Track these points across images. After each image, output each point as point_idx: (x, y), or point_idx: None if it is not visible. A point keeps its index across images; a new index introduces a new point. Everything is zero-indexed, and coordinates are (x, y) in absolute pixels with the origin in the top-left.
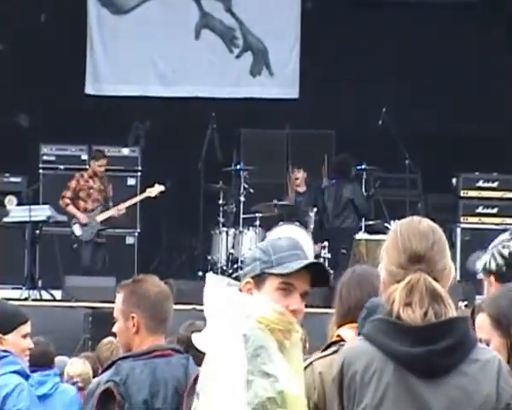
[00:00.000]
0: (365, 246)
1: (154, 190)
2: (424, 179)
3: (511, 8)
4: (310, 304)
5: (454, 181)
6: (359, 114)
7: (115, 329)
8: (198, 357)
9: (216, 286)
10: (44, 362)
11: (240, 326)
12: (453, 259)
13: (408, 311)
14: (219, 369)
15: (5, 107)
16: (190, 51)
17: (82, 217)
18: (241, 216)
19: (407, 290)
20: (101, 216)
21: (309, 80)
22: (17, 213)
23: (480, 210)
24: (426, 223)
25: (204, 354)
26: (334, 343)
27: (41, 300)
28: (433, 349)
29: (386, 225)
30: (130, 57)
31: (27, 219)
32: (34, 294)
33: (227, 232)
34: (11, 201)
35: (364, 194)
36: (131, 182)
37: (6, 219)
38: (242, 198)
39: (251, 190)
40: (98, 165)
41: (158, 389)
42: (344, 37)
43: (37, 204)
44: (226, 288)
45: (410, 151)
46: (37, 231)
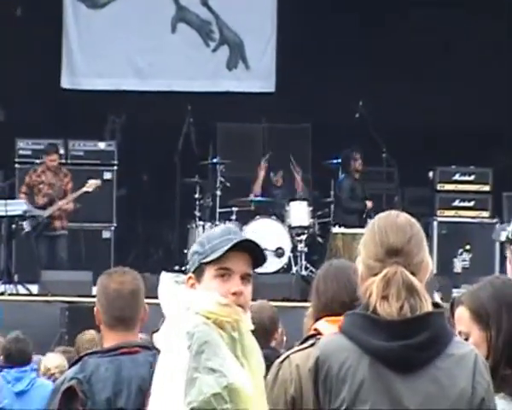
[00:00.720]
0: (342, 240)
1: (91, 185)
2: (401, 173)
3: None
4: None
5: (430, 174)
6: (336, 108)
7: None
8: None
9: (166, 285)
10: (22, 360)
11: (185, 323)
12: (430, 252)
13: (384, 304)
14: (165, 368)
15: None
16: (166, 45)
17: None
18: (218, 210)
19: (384, 283)
20: (47, 211)
21: (285, 74)
22: None
23: (457, 203)
24: (403, 217)
25: None
26: (311, 337)
27: (17, 294)
28: (409, 344)
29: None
30: (106, 51)
31: (3, 213)
32: (10, 288)
33: (203, 226)
34: None
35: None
36: (108, 176)
37: None
38: (219, 192)
39: (227, 184)
40: (50, 159)
41: (121, 388)
42: (320, 31)
43: (13, 199)
44: (174, 286)
45: (387, 144)
46: (13, 226)
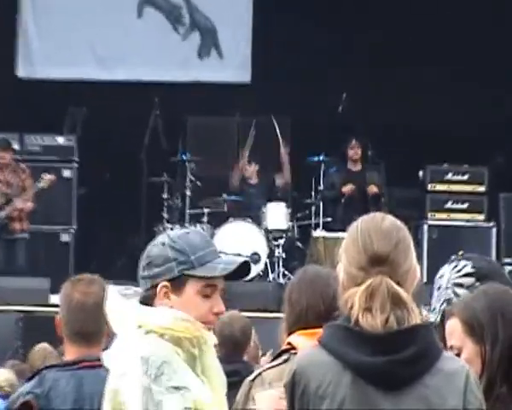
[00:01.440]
0: (323, 244)
1: (46, 181)
2: (388, 172)
3: None
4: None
5: (420, 173)
6: (317, 101)
7: None
8: None
9: (114, 299)
10: None
11: (137, 345)
12: (419, 259)
13: (368, 317)
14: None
15: None
16: (132, 31)
17: None
18: (188, 211)
19: (367, 295)
20: (4, 211)
21: (262, 63)
22: None
23: (449, 205)
24: (389, 221)
25: None
26: (284, 352)
27: None
28: (395, 359)
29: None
30: (65, 37)
31: None
32: None
33: (172, 229)
34: None
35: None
36: (67, 174)
37: None
38: (188, 192)
39: (198, 183)
40: (0, 156)
41: (83, 404)
42: (299, 18)
43: None
44: (124, 301)
45: (373, 141)
46: None
